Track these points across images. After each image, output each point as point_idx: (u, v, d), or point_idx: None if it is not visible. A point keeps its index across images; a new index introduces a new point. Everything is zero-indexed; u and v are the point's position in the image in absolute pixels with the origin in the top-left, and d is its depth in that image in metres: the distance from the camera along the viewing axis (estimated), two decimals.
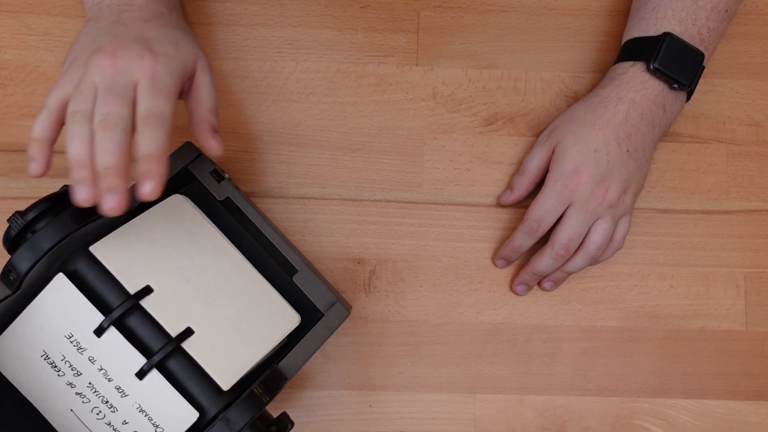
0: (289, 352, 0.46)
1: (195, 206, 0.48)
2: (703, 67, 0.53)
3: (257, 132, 0.57)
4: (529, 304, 0.56)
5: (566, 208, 0.52)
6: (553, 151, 0.53)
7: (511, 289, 0.56)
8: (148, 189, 0.39)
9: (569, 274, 0.55)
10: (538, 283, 0.56)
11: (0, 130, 0.55)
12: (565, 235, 0.52)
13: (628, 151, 0.52)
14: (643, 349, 0.56)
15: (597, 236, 0.52)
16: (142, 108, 0.41)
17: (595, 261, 0.54)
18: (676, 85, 0.52)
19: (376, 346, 0.55)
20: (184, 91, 0.46)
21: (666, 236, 0.57)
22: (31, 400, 0.44)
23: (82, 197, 0.39)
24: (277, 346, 0.46)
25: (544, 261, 0.53)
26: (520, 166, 0.56)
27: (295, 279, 0.48)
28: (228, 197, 0.49)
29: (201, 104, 0.46)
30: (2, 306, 0.42)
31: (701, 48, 0.52)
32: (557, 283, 0.56)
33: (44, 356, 0.43)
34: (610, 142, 0.51)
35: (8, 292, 0.42)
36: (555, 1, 0.59)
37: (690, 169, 0.58)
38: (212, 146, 0.45)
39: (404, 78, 0.58)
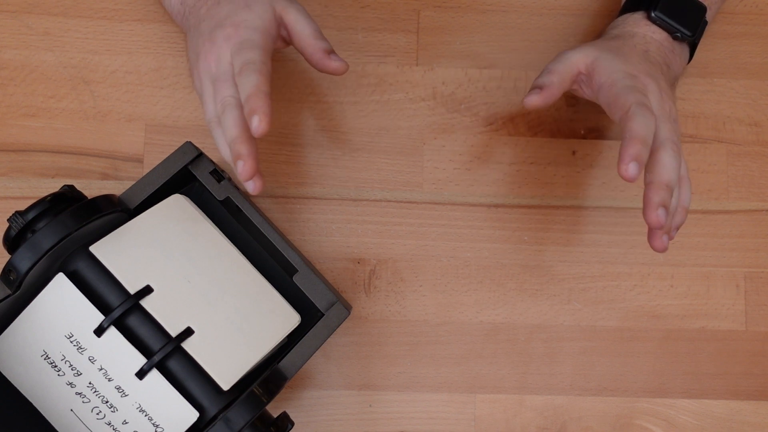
0: (289, 352, 0.46)
1: (195, 206, 0.48)
2: (706, 22, 0.52)
3: None
4: (529, 304, 0.56)
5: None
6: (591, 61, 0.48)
7: (652, 240, 0.44)
8: (255, 123, 0.41)
9: (685, 209, 0.47)
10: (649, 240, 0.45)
11: (0, 130, 0.55)
12: (657, 107, 0.44)
13: (652, 64, 0.48)
14: (643, 349, 0.56)
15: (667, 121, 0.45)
16: (235, 66, 0.44)
17: (678, 154, 0.44)
18: (678, 34, 0.50)
19: (376, 346, 0.55)
20: (286, 40, 0.48)
21: None
22: (31, 400, 0.44)
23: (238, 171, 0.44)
24: (277, 346, 0.46)
25: (667, 161, 0.42)
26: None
27: (295, 279, 0.48)
28: (228, 197, 0.48)
29: (302, 37, 0.47)
30: (2, 306, 0.42)
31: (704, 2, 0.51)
32: (677, 228, 0.47)
33: (44, 356, 0.43)
34: (636, 48, 0.48)
35: (8, 292, 0.42)
36: (555, 1, 0.59)
37: (690, 169, 0.58)
38: (335, 67, 0.47)
39: (404, 78, 0.58)
